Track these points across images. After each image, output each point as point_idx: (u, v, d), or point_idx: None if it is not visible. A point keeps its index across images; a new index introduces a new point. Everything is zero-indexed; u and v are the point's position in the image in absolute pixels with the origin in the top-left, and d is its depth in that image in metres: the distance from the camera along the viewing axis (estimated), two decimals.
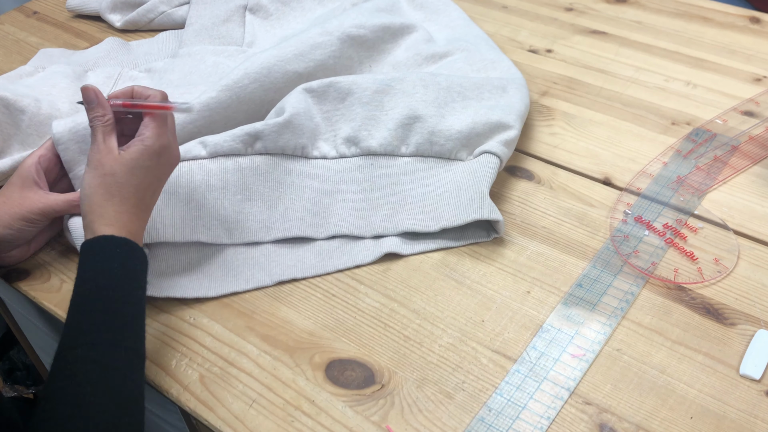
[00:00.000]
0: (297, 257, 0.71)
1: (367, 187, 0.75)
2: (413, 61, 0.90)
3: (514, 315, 0.65)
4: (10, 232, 0.66)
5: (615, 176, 0.78)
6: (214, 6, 1.05)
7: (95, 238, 0.57)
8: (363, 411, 0.58)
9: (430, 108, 0.77)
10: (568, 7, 1.09)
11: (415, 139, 0.76)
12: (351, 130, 0.77)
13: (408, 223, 0.71)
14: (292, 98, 0.76)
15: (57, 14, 1.16)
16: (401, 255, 0.70)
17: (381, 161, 0.76)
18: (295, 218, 0.72)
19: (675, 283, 0.66)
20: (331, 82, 0.78)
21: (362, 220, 0.72)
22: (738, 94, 0.89)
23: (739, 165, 0.79)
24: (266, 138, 0.72)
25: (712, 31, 1.01)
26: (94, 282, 0.56)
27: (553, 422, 0.56)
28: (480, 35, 0.95)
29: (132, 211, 0.59)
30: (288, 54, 0.82)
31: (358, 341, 0.63)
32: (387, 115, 0.77)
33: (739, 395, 0.57)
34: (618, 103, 0.89)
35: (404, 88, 0.78)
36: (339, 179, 0.75)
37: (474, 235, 0.72)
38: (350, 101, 0.78)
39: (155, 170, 0.61)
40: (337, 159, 0.76)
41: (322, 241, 0.72)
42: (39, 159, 0.68)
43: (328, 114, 0.78)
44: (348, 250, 0.71)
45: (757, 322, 0.63)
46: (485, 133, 0.76)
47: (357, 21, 0.88)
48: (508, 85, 0.82)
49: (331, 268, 0.69)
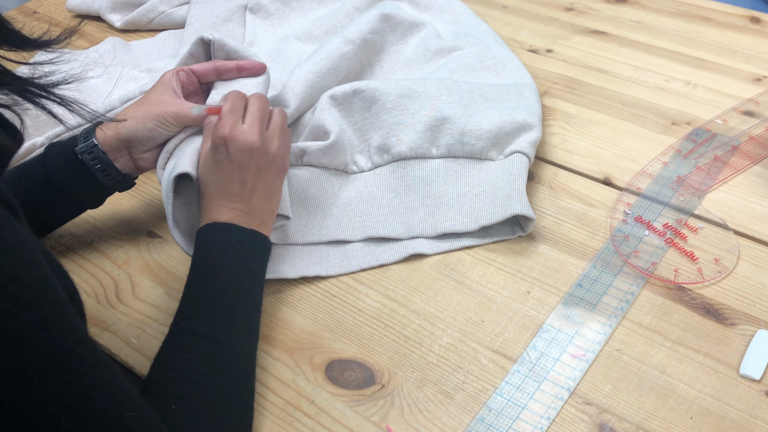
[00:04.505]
0: (321, 255, 0.71)
1: (401, 191, 0.75)
2: (423, 56, 0.91)
3: (514, 315, 0.65)
4: (143, 129, 0.66)
5: (615, 176, 0.78)
6: (215, 6, 1.05)
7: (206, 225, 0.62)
8: (363, 411, 0.58)
9: (457, 109, 0.77)
10: (568, 7, 1.09)
11: (445, 141, 0.76)
12: (380, 138, 0.77)
13: (446, 224, 0.72)
14: (328, 116, 0.77)
15: (57, 14, 1.16)
16: (424, 255, 0.71)
17: (412, 164, 0.76)
18: (331, 225, 0.73)
19: (675, 283, 0.66)
20: (354, 90, 0.78)
21: (399, 223, 0.73)
22: (738, 94, 0.89)
23: (739, 165, 0.79)
24: (312, 154, 0.74)
25: (712, 31, 1.01)
26: (199, 264, 0.59)
27: (553, 422, 0.56)
28: (487, 30, 0.96)
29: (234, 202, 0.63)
30: (323, 69, 0.83)
31: (358, 341, 0.63)
32: (413, 119, 0.77)
33: (739, 395, 0.57)
34: (618, 103, 0.89)
35: (428, 90, 0.79)
36: (374, 187, 0.76)
37: (499, 232, 0.72)
38: (376, 109, 0.78)
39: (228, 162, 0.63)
40: (372, 169, 0.78)
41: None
42: (177, 72, 0.70)
43: (357, 125, 0.79)
44: (371, 250, 0.71)
45: (757, 322, 0.63)
46: (513, 132, 0.76)
47: (370, 26, 0.89)
48: (523, 89, 0.84)
49: (355, 267, 0.70)
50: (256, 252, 0.62)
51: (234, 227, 0.61)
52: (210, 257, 0.59)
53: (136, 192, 0.80)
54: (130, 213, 0.78)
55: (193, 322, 0.55)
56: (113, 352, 0.64)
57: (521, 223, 0.72)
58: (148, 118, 0.66)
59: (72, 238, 0.75)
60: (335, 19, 0.99)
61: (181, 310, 0.57)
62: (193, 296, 0.57)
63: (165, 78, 0.70)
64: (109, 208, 0.78)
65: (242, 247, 0.61)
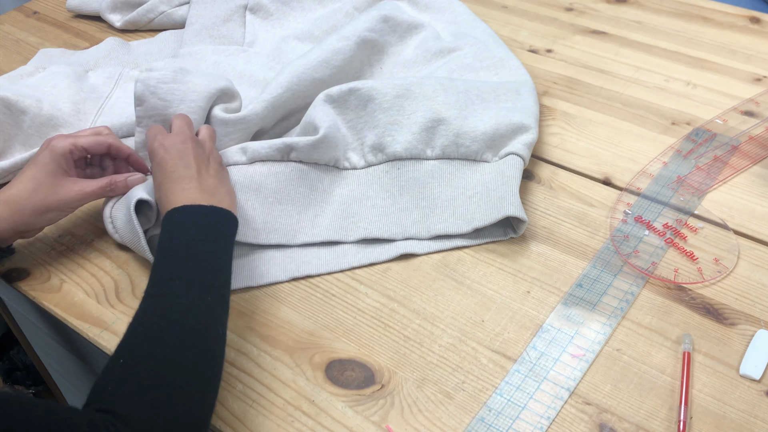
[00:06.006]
0: (312, 254, 0.71)
1: (396, 192, 0.75)
2: (422, 57, 0.91)
3: (514, 315, 0.65)
4: (42, 221, 0.66)
5: (615, 176, 0.78)
6: (215, 6, 1.05)
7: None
8: (363, 411, 0.58)
9: (453, 110, 0.77)
10: (568, 7, 1.09)
11: (440, 142, 0.76)
12: (375, 137, 0.77)
13: (440, 226, 0.72)
14: (320, 112, 0.77)
15: (57, 14, 1.16)
16: (414, 255, 0.71)
17: (407, 165, 0.76)
18: (323, 224, 0.73)
19: (675, 283, 0.66)
20: (350, 89, 0.78)
21: (393, 224, 0.73)
22: (738, 94, 0.89)
23: (739, 165, 0.79)
24: (301, 150, 0.74)
25: (712, 31, 1.01)
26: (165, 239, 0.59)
27: (553, 422, 0.56)
28: (486, 30, 0.96)
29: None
30: (313, 62, 0.83)
31: (358, 341, 0.63)
32: (409, 119, 0.77)
33: (739, 395, 0.57)
34: (618, 103, 0.89)
35: (424, 91, 0.78)
36: (367, 186, 0.76)
37: (491, 234, 0.72)
38: (371, 108, 0.78)
39: None
40: (366, 168, 0.77)
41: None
42: (72, 149, 0.68)
43: (352, 123, 0.79)
44: (363, 248, 0.71)
45: (757, 322, 0.63)
46: (508, 134, 0.76)
47: (368, 25, 0.89)
48: (521, 88, 0.84)
49: (346, 265, 0.70)
50: (218, 223, 0.62)
51: (192, 206, 0.61)
52: (170, 234, 0.59)
53: None
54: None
55: (154, 288, 0.55)
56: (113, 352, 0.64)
57: (513, 224, 0.72)
58: (47, 210, 0.66)
59: (72, 238, 0.75)
60: (335, 19, 0.99)
61: (149, 281, 0.57)
62: (155, 267, 0.57)
63: (57, 156, 0.67)
64: None
65: (201, 219, 0.61)
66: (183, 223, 0.60)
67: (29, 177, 0.66)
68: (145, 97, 0.73)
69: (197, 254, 0.58)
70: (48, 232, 0.75)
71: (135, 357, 0.50)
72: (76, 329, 0.66)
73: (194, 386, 0.51)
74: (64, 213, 0.68)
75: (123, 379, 0.49)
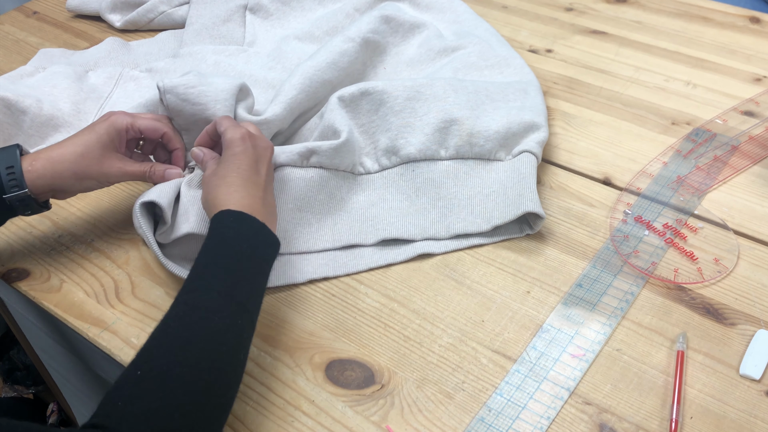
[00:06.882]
0: (329, 256, 0.71)
1: (412, 194, 0.75)
2: (426, 56, 0.91)
3: (514, 315, 0.65)
4: (81, 186, 0.67)
5: (615, 176, 0.79)
6: (214, 6, 1.05)
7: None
8: (363, 411, 0.58)
9: (465, 111, 0.77)
10: (568, 7, 1.09)
11: (454, 142, 0.76)
12: (388, 141, 0.77)
13: (459, 225, 0.72)
14: (338, 116, 0.76)
15: (57, 14, 1.16)
16: (427, 255, 0.71)
17: (422, 167, 0.76)
18: (343, 231, 0.73)
19: (675, 283, 0.66)
20: (361, 92, 0.78)
21: (411, 224, 0.73)
22: (738, 94, 0.89)
23: (739, 165, 0.79)
24: (323, 154, 0.73)
25: (712, 31, 1.01)
26: (209, 246, 0.58)
27: (553, 422, 0.56)
28: (489, 29, 0.97)
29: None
30: (322, 63, 0.83)
31: (358, 341, 0.63)
32: (422, 121, 0.77)
33: (739, 395, 0.57)
34: (618, 103, 0.89)
35: (435, 93, 0.78)
36: (383, 190, 0.76)
37: (507, 231, 0.72)
38: (383, 111, 0.78)
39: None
40: (380, 172, 0.77)
41: None
42: (129, 127, 0.68)
43: (364, 127, 0.79)
44: (380, 249, 0.71)
45: (757, 322, 0.63)
46: (521, 133, 0.77)
47: (371, 26, 0.89)
48: (528, 87, 0.84)
49: (363, 267, 0.70)
50: (266, 246, 0.61)
51: (249, 217, 0.60)
52: (221, 239, 0.58)
53: (137, 192, 0.80)
54: (130, 213, 0.78)
55: (190, 295, 0.55)
56: (113, 352, 0.64)
57: (530, 221, 0.72)
58: (87, 177, 0.66)
59: (72, 238, 0.75)
60: (335, 19, 0.99)
61: (185, 284, 0.56)
62: (196, 272, 0.57)
63: (112, 131, 0.67)
64: (109, 207, 0.78)
65: (254, 238, 0.60)
66: (238, 233, 0.59)
67: (81, 142, 0.66)
68: (180, 106, 0.72)
69: (242, 271, 0.57)
70: (48, 232, 0.75)
71: (153, 371, 0.49)
72: (76, 329, 0.66)
73: (203, 412, 0.50)
74: (101, 185, 0.68)
75: (134, 397, 0.48)
